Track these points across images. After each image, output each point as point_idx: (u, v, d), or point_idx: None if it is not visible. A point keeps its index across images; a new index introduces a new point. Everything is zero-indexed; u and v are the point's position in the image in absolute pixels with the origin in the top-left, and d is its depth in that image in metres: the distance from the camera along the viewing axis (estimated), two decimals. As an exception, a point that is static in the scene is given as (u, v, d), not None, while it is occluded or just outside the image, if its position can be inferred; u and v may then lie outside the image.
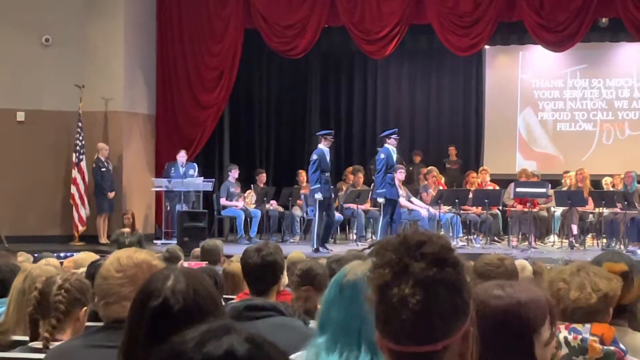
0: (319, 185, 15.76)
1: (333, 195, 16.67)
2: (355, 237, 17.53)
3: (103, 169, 17.33)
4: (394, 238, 1.96)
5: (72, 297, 3.77)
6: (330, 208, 16.08)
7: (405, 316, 1.85)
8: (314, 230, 15.91)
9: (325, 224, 15.94)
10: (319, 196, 15.69)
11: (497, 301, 2.41)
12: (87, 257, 7.87)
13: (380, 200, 15.81)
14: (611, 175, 17.99)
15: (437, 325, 1.87)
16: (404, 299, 1.85)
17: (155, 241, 17.54)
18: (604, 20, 17.95)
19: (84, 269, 6.08)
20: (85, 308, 3.83)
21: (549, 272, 3.36)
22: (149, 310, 2.31)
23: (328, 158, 16.08)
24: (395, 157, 16.18)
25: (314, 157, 15.97)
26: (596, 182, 17.76)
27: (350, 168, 19.06)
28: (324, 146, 16.03)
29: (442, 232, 15.16)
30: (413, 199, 16.92)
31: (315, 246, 15.62)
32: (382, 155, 15.90)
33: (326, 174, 15.95)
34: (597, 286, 3.25)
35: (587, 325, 3.01)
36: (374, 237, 16.97)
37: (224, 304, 4.61)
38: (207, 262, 8.74)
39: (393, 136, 16.16)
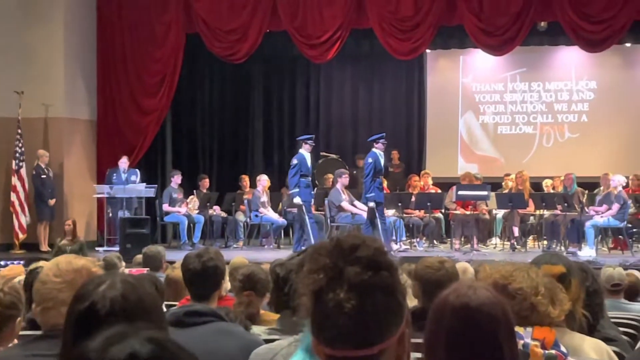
0: (297, 190, 15.83)
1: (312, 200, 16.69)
2: (298, 241, 17.52)
3: (43, 176, 17.14)
4: (327, 242, 1.96)
5: (4, 308, 3.72)
6: (309, 211, 16.08)
7: (341, 321, 1.85)
8: (309, 233, 15.78)
9: (301, 226, 15.93)
10: (297, 200, 15.76)
11: (463, 299, 2.40)
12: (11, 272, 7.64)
13: (371, 204, 15.76)
14: (551, 178, 18.19)
15: (372, 329, 1.87)
16: (339, 303, 1.85)
17: (97, 248, 17.39)
18: (542, 24, 18.13)
19: (21, 278, 6.00)
20: (19, 319, 3.78)
21: (489, 272, 3.35)
22: (75, 313, 2.29)
23: (309, 162, 16.09)
24: (382, 161, 16.17)
25: (294, 161, 16.03)
26: (537, 185, 17.94)
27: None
28: (304, 151, 16.10)
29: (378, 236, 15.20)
30: (356, 202, 16.94)
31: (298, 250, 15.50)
32: (370, 160, 15.89)
33: (307, 178, 16.00)
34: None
35: (529, 329, 3.02)
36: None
37: (165, 310, 4.59)
38: (149, 269, 8.68)
39: (381, 140, 16.14)
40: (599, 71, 20.19)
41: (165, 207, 17.67)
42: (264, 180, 17.73)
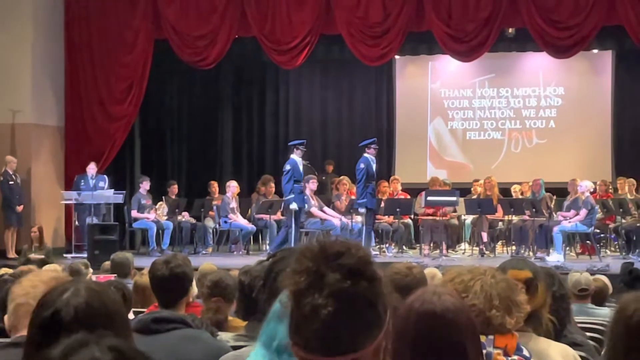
0: (293, 196, 15.73)
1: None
2: (267, 247, 17.48)
3: (11, 182, 17.02)
4: (314, 245, 1.96)
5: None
6: (300, 218, 16.04)
7: (315, 326, 1.85)
8: (291, 239, 15.74)
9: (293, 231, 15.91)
10: (294, 206, 15.67)
11: (428, 306, 2.41)
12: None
13: (362, 210, 15.70)
14: (519, 183, 18.25)
15: (346, 337, 1.87)
16: (316, 308, 1.85)
17: (65, 255, 17.26)
18: (510, 30, 18.25)
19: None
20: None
21: (452, 277, 3.35)
22: (39, 320, 2.28)
23: (301, 168, 16.04)
24: (374, 166, 16.10)
25: (287, 167, 15.95)
26: (505, 190, 18.01)
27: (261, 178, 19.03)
28: (296, 156, 16.04)
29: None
30: (325, 208, 16.94)
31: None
32: (362, 165, 15.84)
33: (300, 184, 15.93)
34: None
35: (490, 337, 3.02)
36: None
37: (133, 317, 4.56)
38: (116, 275, 8.64)
39: (372, 146, 16.11)
40: (566, 77, 20.32)
41: (134, 213, 17.59)
42: (233, 187, 17.68)
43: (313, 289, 1.87)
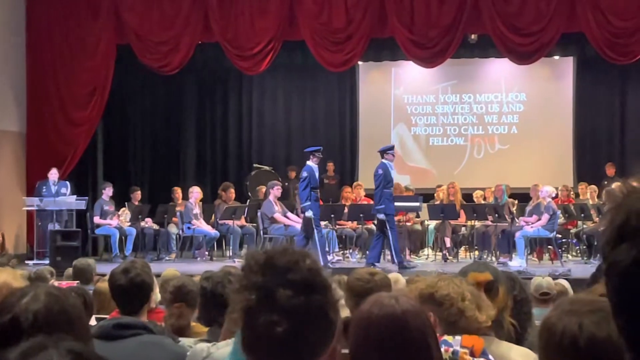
0: (309, 203, 15.49)
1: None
2: (231, 253, 17.44)
3: (-29, 189, 16.89)
4: (260, 257, 1.93)
5: None
6: (317, 225, 15.87)
7: (271, 343, 1.84)
8: (316, 246, 15.56)
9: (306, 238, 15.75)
10: (309, 214, 15.44)
11: (387, 309, 2.43)
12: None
13: (380, 216, 15.59)
14: (482, 189, 18.34)
15: (303, 350, 1.87)
16: (270, 326, 1.83)
17: (27, 261, 17.11)
18: (473, 36, 18.35)
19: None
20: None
21: (416, 283, 3.38)
22: None
23: (317, 175, 15.88)
24: (392, 172, 15.87)
25: (304, 174, 15.67)
26: (468, 196, 18.08)
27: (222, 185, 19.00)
28: (312, 163, 15.76)
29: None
30: (289, 214, 16.93)
31: (323, 262, 15.28)
32: (380, 171, 15.54)
33: (316, 191, 15.78)
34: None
35: (458, 337, 3.04)
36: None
37: (95, 323, 4.54)
38: (79, 282, 8.58)
39: (390, 151, 15.86)
40: (528, 83, 20.46)
41: (97, 219, 17.49)
42: (196, 192, 17.62)
43: (264, 306, 1.85)
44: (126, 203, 18.28)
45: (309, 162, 15.79)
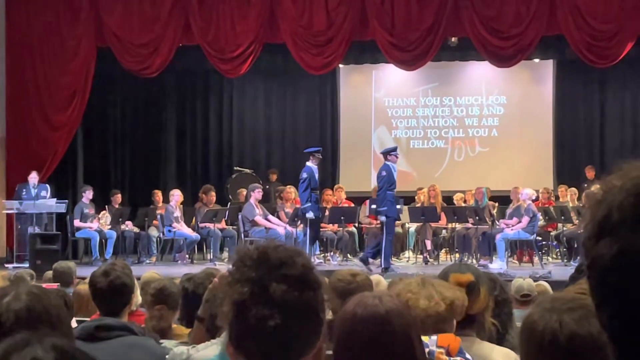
0: (309, 204, 15.54)
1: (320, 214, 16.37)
2: (211, 256, 17.40)
3: (-49, 192, 16.80)
4: (253, 252, 1.94)
5: None
6: (317, 226, 15.90)
7: (262, 337, 1.84)
8: (305, 248, 15.61)
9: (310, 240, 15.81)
10: (310, 215, 15.49)
11: (372, 309, 2.44)
12: None
13: (382, 218, 15.52)
14: (463, 191, 18.39)
15: (293, 346, 1.87)
16: (263, 320, 1.84)
17: (6, 265, 17.02)
18: (453, 39, 18.37)
19: None
20: None
21: (395, 285, 3.41)
22: None
23: (317, 176, 15.87)
24: (395, 174, 15.72)
25: (304, 175, 15.72)
26: (448, 198, 18.13)
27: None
28: (312, 164, 15.82)
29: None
30: (270, 217, 16.92)
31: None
32: (384, 173, 15.48)
33: (316, 192, 15.81)
34: (443, 295, 3.31)
35: (433, 337, 3.05)
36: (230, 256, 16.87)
37: (76, 325, 4.52)
38: (59, 285, 8.54)
39: (393, 153, 15.78)
40: (508, 86, 20.53)
41: (77, 222, 17.42)
42: (176, 195, 17.58)
43: (257, 300, 1.85)
44: (106, 206, 18.23)
45: (308, 163, 15.83)
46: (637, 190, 1.22)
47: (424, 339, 3.06)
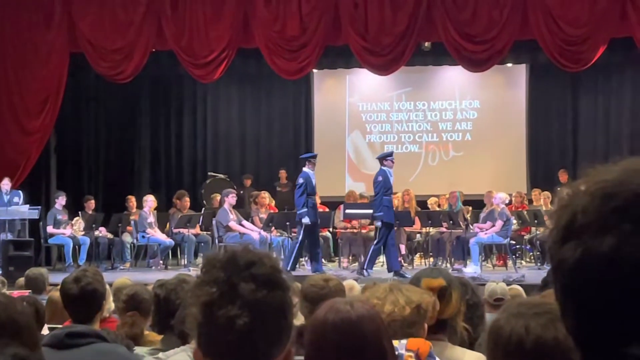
0: (305, 210, 15.48)
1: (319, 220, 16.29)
2: (185, 262, 17.35)
3: None
4: (222, 255, 1.94)
5: None
6: (315, 232, 15.86)
7: (230, 337, 1.84)
8: (294, 251, 15.64)
9: (310, 246, 15.80)
10: (306, 220, 15.41)
11: (343, 315, 2.44)
12: None
13: (378, 224, 15.46)
14: (437, 196, 18.44)
15: (261, 347, 1.87)
16: (231, 319, 1.83)
17: (-21, 272, 16.94)
18: (427, 44, 18.44)
19: None
20: None
21: (365, 291, 3.42)
22: None
23: (314, 181, 15.82)
24: (392, 179, 15.71)
25: (300, 180, 15.68)
26: (422, 203, 18.16)
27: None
28: (309, 169, 15.78)
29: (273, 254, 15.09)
30: (244, 222, 16.90)
31: (289, 267, 15.30)
32: (380, 178, 15.47)
33: (313, 198, 15.75)
34: (409, 299, 3.31)
35: (403, 341, 3.06)
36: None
37: (47, 332, 4.49)
38: (31, 291, 8.50)
39: (389, 158, 15.77)
40: (482, 91, 20.61)
41: (50, 229, 17.33)
42: (150, 201, 17.53)
43: (226, 300, 1.85)
44: (80, 212, 18.14)
45: (305, 169, 15.83)
46: (600, 193, 1.22)
47: (394, 342, 3.07)
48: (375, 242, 15.52)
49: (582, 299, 1.23)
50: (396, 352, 2.95)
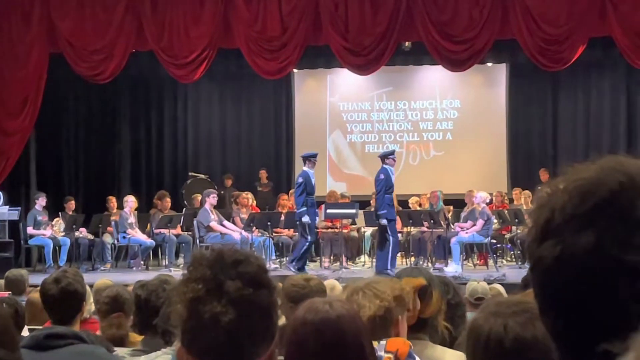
0: (305, 209, 15.49)
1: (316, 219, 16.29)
2: (167, 262, 17.31)
3: None
4: (209, 253, 1.95)
5: None
6: (312, 231, 15.84)
7: (215, 334, 1.84)
8: (299, 250, 15.63)
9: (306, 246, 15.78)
10: (306, 219, 15.42)
11: (322, 315, 2.44)
12: None
13: (383, 222, 15.47)
14: (418, 195, 18.46)
15: (245, 345, 1.87)
16: (216, 316, 1.84)
17: (-42, 273, 16.84)
18: (407, 44, 18.46)
19: None
20: None
21: (344, 291, 3.42)
22: None
23: (313, 181, 15.80)
24: (393, 177, 15.79)
25: (300, 180, 15.71)
26: (403, 202, 18.18)
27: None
28: (308, 168, 15.76)
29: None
30: (225, 222, 16.89)
31: (297, 267, 15.30)
32: (382, 176, 15.51)
33: (312, 197, 15.74)
34: (381, 297, 3.30)
35: (382, 342, 3.05)
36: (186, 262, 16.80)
37: (27, 334, 4.47)
38: (11, 293, 8.45)
39: (391, 156, 15.82)
40: (462, 90, 20.66)
41: (30, 230, 17.27)
42: (130, 201, 17.49)
43: (212, 297, 1.86)
44: (60, 213, 18.09)
45: (304, 168, 15.85)
46: (578, 191, 1.23)
47: (373, 343, 3.07)
48: (390, 239, 15.47)
49: (560, 297, 1.23)
50: (376, 354, 2.96)
